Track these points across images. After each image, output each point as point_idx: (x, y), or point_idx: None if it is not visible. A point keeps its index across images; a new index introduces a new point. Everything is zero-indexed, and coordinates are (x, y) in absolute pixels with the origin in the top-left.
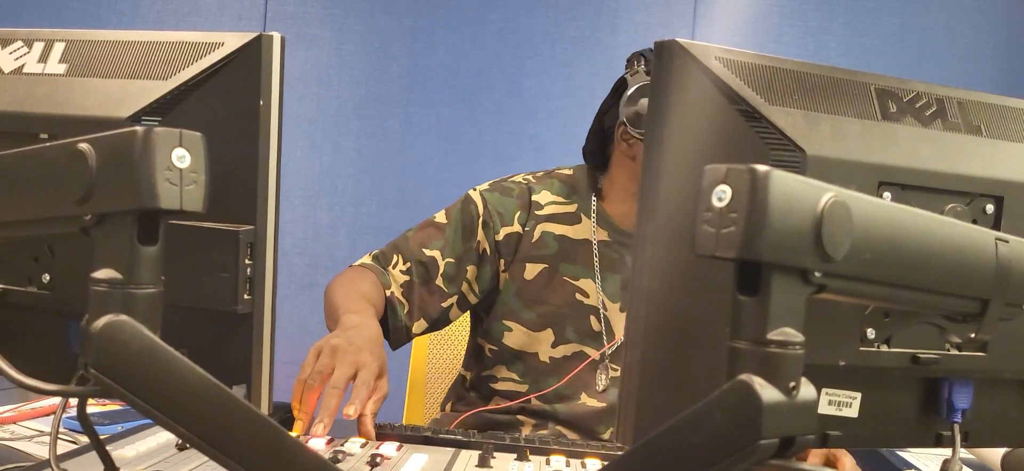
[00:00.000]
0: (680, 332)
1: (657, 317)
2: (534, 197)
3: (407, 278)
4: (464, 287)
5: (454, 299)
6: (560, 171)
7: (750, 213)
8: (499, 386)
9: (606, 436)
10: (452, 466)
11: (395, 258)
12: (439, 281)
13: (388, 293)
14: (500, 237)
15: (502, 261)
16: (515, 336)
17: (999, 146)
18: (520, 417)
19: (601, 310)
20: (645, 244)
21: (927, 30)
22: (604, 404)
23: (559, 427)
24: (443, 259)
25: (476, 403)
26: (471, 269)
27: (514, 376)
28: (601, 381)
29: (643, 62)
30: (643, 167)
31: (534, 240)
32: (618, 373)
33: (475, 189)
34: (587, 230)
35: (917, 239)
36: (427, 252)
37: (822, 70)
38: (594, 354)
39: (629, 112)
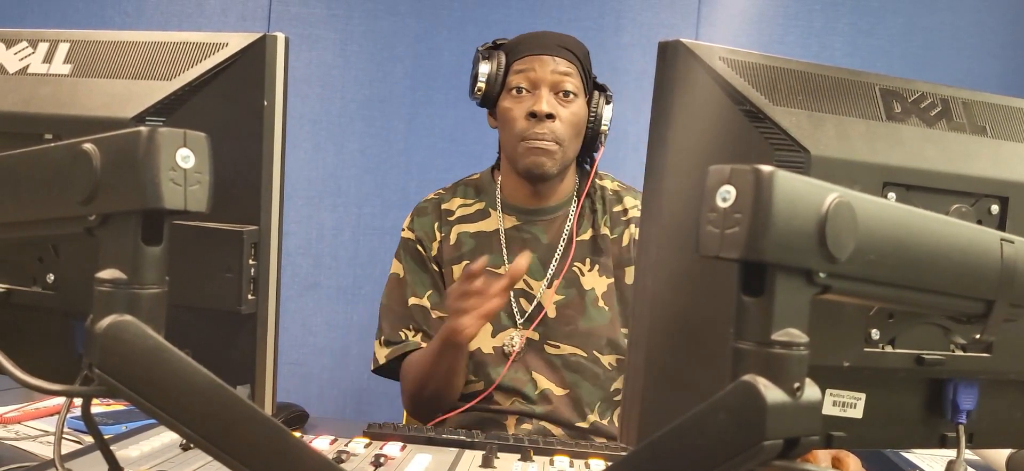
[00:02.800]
0: (684, 333)
1: (661, 318)
2: (444, 206)
3: (416, 342)
4: None
5: None
6: (469, 177)
7: (754, 214)
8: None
9: (586, 424)
10: (455, 466)
11: (403, 333)
12: (434, 314)
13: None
14: (434, 252)
15: (441, 271)
16: None
17: (1004, 146)
18: (509, 414)
19: (525, 289)
20: (649, 245)
21: (932, 30)
22: (566, 391)
23: (543, 423)
24: (423, 298)
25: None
26: (443, 287)
27: (470, 377)
28: (515, 341)
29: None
30: (646, 168)
31: (452, 243)
32: (558, 349)
33: (404, 227)
34: (496, 222)
35: (922, 240)
36: (413, 302)
37: (827, 70)
38: (531, 334)
39: (470, 90)
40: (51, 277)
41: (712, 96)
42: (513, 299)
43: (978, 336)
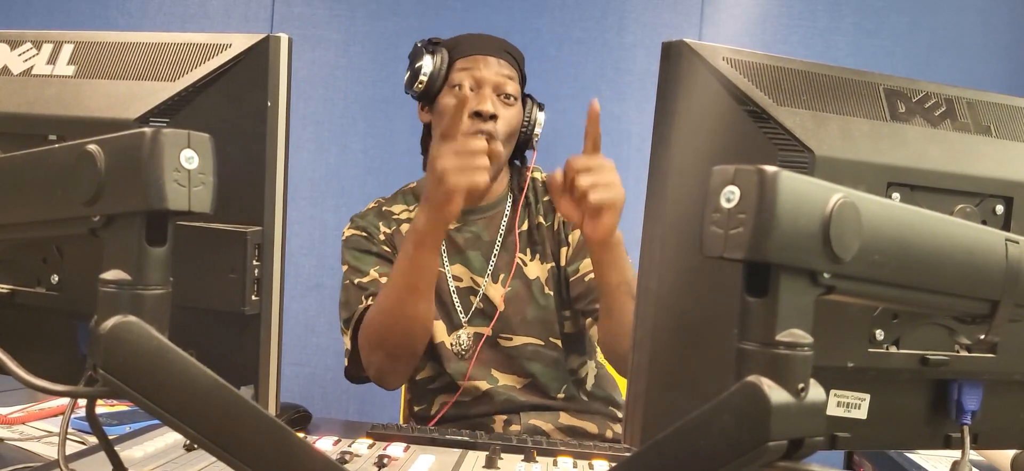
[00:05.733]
0: (688, 333)
1: (665, 318)
2: (386, 208)
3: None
4: None
5: None
6: (407, 186)
7: (758, 214)
8: (430, 386)
9: (560, 396)
10: (459, 467)
11: (361, 302)
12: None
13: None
14: (382, 238)
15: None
16: None
17: (1009, 147)
18: (494, 417)
19: (472, 286)
20: (652, 245)
21: (936, 30)
22: (526, 380)
23: (532, 420)
24: (369, 274)
25: (416, 408)
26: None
27: (430, 373)
28: (463, 340)
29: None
30: (650, 168)
31: (403, 235)
32: (511, 341)
33: (343, 236)
34: None
35: (926, 240)
36: (360, 280)
37: (830, 70)
38: (486, 331)
39: (409, 82)
40: (55, 278)
41: (716, 96)
42: (459, 297)
43: (983, 336)
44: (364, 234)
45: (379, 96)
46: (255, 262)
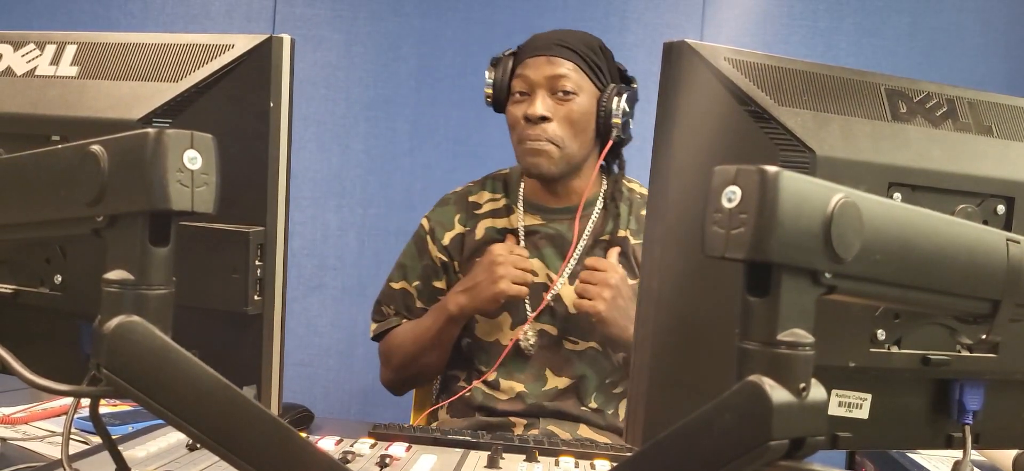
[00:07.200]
0: (689, 333)
1: (666, 318)
2: (471, 198)
3: (398, 320)
4: (439, 298)
5: None
6: (499, 172)
7: (760, 214)
8: (458, 384)
9: (593, 405)
10: (461, 467)
11: (385, 310)
12: (418, 304)
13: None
14: (446, 242)
15: (455, 262)
16: (481, 326)
17: (1010, 147)
18: (512, 419)
19: (546, 283)
20: (654, 245)
21: (937, 30)
22: (571, 381)
23: (551, 427)
24: (411, 285)
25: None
26: (439, 283)
27: (481, 367)
28: (530, 337)
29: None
30: (651, 168)
31: (478, 237)
32: (577, 345)
33: (425, 216)
34: (518, 218)
35: (928, 240)
36: (396, 286)
37: (832, 70)
38: (548, 328)
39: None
40: (58, 278)
41: (717, 96)
42: (531, 291)
43: (984, 336)
44: (430, 237)
45: (381, 96)
46: (257, 262)
